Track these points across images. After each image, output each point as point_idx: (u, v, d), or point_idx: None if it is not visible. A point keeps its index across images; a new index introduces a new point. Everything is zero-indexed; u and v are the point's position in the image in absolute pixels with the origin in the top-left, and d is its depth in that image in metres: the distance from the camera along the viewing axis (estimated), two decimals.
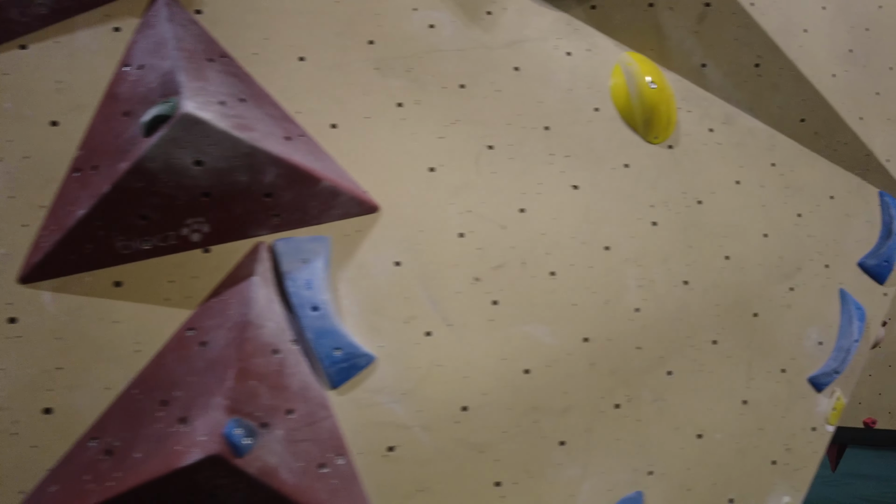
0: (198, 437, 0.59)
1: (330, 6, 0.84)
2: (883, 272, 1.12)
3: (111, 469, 0.59)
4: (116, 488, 0.57)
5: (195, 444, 0.58)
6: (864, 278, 1.12)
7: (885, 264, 1.12)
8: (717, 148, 1.03)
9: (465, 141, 0.86)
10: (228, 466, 0.58)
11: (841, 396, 1.04)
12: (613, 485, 0.82)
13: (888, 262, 1.12)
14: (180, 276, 0.71)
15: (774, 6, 1.07)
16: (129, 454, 0.60)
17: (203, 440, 0.58)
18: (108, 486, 0.58)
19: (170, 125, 0.64)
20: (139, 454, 0.59)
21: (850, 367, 1.05)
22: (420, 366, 0.77)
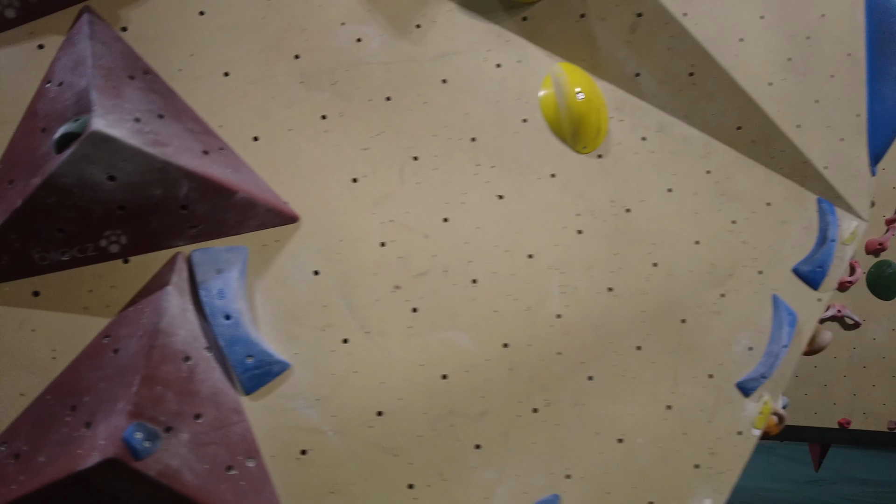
0: (99, 441, 0.62)
1: (257, 22, 0.87)
2: (817, 278, 1.14)
3: (16, 473, 0.62)
4: (17, 491, 0.60)
5: (95, 447, 0.62)
6: (798, 284, 1.14)
7: (818, 270, 1.14)
8: (650, 156, 1.05)
9: (390, 152, 0.89)
10: (127, 469, 0.61)
11: (769, 401, 1.06)
12: (529, 488, 0.85)
13: (822, 268, 1.14)
14: (99, 285, 0.75)
15: (709, 16, 1.09)
16: (35, 458, 0.63)
17: (103, 444, 0.61)
18: (10, 489, 0.61)
19: (79, 143, 0.67)
20: (43, 458, 0.63)
21: (779, 372, 1.07)
22: (336, 372, 0.79)
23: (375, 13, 0.92)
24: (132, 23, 0.82)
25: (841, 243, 1.21)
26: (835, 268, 1.18)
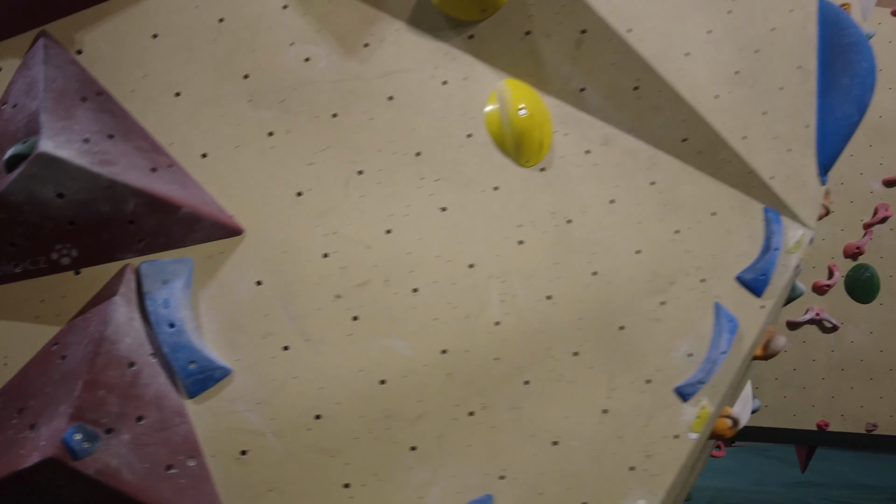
0: (40, 441, 0.67)
1: (207, 44, 0.92)
2: (760, 285, 1.19)
3: None
4: None
5: (36, 448, 0.67)
6: (741, 291, 1.18)
7: (762, 278, 1.18)
8: (593, 169, 1.09)
9: (335, 167, 0.94)
10: (65, 468, 0.67)
11: (707, 405, 1.10)
12: (463, 488, 0.90)
13: (765, 276, 1.19)
14: (51, 296, 0.80)
15: (654, 31, 1.13)
16: None
17: (43, 444, 0.67)
18: None
19: (27, 163, 0.72)
20: None
21: (718, 377, 1.11)
22: (276, 378, 0.84)
23: (324, 33, 0.97)
24: (87, 45, 0.87)
25: (786, 251, 1.25)
26: (778, 275, 1.23)
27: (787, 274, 1.26)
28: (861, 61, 1.40)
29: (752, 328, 1.19)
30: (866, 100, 1.40)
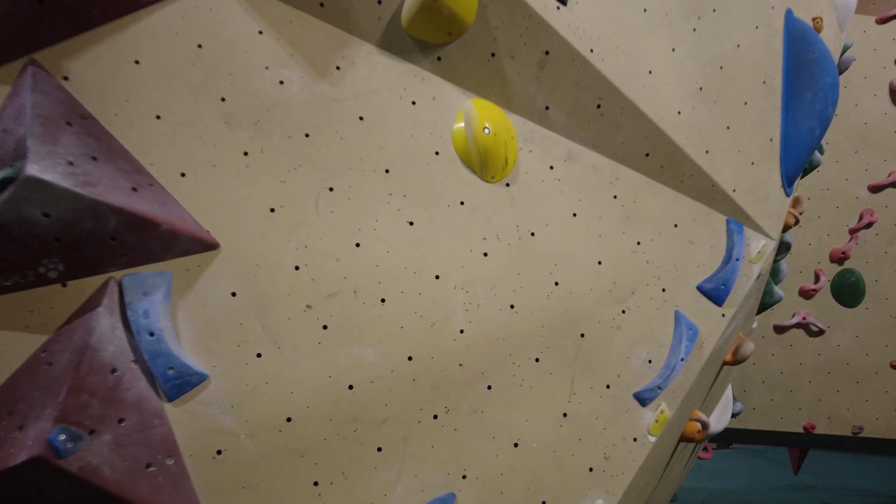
0: (27, 442, 0.74)
1: (186, 69, 0.98)
2: (720, 295, 1.24)
3: None
4: None
5: (24, 448, 0.73)
6: (702, 300, 1.24)
7: (722, 287, 1.24)
8: (556, 184, 1.15)
9: (306, 184, 1.00)
10: (50, 466, 0.73)
11: (665, 409, 1.16)
12: (426, 487, 0.96)
13: (725, 286, 1.24)
14: (39, 307, 0.86)
15: (617, 50, 1.19)
16: None
17: (30, 444, 0.73)
18: None
19: (15, 186, 0.78)
20: None
21: (677, 383, 1.17)
22: (249, 383, 0.91)
23: (297, 57, 1.03)
24: (73, 72, 0.94)
25: (748, 261, 1.31)
26: (740, 285, 1.29)
27: (750, 283, 1.32)
28: (825, 76, 1.45)
29: (713, 336, 1.24)
30: (829, 114, 1.46)
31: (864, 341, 2.82)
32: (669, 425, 1.19)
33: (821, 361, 2.85)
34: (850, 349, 2.84)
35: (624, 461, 1.10)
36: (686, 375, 1.19)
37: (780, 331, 2.88)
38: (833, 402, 2.85)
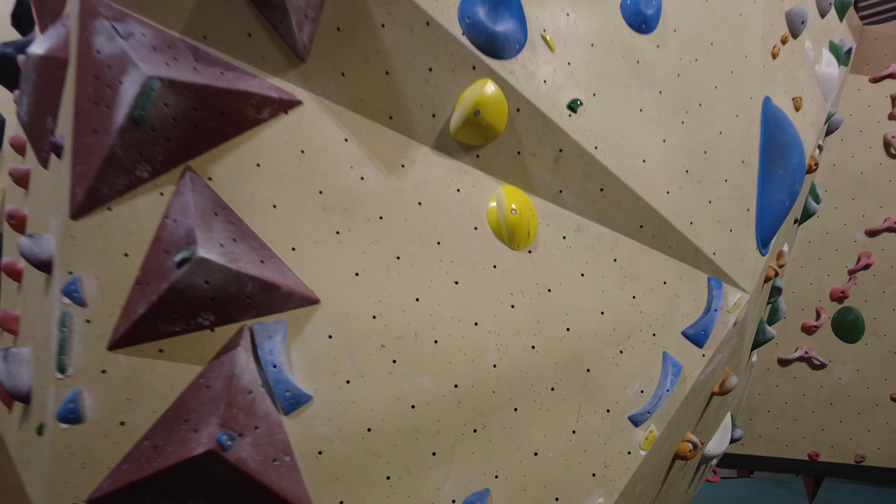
0: (202, 440, 1.11)
1: (293, 169, 1.37)
2: (701, 339, 1.58)
3: (155, 456, 1.12)
4: (157, 467, 1.10)
5: (201, 443, 1.11)
6: (686, 343, 1.58)
7: (702, 332, 1.58)
8: (568, 250, 1.52)
9: (381, 254, 1.38)
10: (218, 457, 1.10)
11: (654, 430, 1.50)
12: (468, 483, 1.31)
13: (705, 331, 1.58)
14: (197, 345, 1.24)
15: (616, 146, 1.56)
16: (166, 448, 1.13)
17: (205, 441, 1.11)
18: (154, 465, 1.10)
19: (190, 264, 1.17)
20: (170, 448, 1.12)
21: (664, 408, 1.51)
22: (341, 402, 1.28)
23: (373, 158, 1.42)
24: (215, 174, 1.33)
25: (725, 311, 1.65)
26: (718, 330, 1.62)
27: (727, 328, 1.65)
28: (793, 157, 1.80)
29: (694, 371, 1.58)
30: (797, 188, 1.80)
31: (864, 375, 3.09)
32: (658, 443, 1.52)
33: (823, 393, 3.13)
34: (851, 382, 3.11)
35: (620, 469, 1.44)
36: (671, 403, 1.52)
37: (784, 364, 3.16)
38: (836, 432, 3.12)
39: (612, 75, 1.57)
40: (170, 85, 1.24)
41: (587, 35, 1.57)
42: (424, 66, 1.41)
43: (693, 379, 1.58)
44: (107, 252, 1.24)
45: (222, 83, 1.30)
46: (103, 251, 1.24)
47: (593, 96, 1.54)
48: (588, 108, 1.52)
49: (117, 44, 1.28)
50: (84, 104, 1.28)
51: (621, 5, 1.64)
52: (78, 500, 1.14)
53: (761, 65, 1.93)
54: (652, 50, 1.67)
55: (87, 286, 1.22)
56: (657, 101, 1.64)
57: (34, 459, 1.31)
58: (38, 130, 1.50)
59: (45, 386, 1.26)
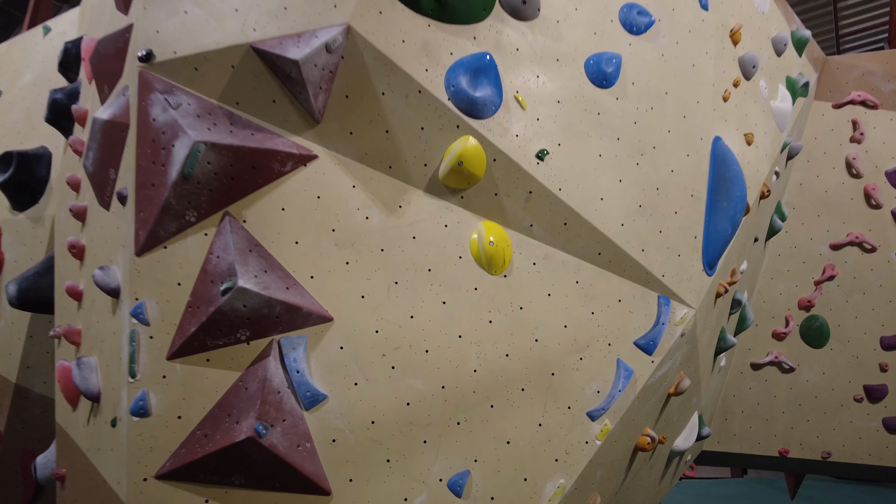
0: (243, 430, 1.46)
1: (311, 211, 1.71)
2: (650, 348, 1.91)
3: (206, 442, 1.47)
4: (209, 450, 1.45)
5: (241, 432, 1.45)
6: (637, 352, 1.91)
7: (651, 343, 1.91)
8: (537, 274, 1.85)
9: (382, 280, 1.72)
10: (256, 443, 1.45)
11: (608, 424, 1.83)
12: (452, 465, 1.65)
13: (654, 342, 1.91)
14: (236, 355, 1.59)
15: (578, 187, 1.90)
16: (214, 437, 1.48)
17: (245, 431, 1.45)
18: (205, 448, 1.45)
19: (232, 292, 1.52)
20: (218, 436, 1.47)
21: (616, 406, 1.84)
22: (350, 400, 1.62)
23: (376, 201, 1.76)
24: (248, 217, 1.68)
25: (672, 325, 1.98)
26: (665, 340, 1.95)
27: (674, 339, 1.98)
28: (736, 191, 2.13)
29: (644, 375, 1.91)
30: (738, 219, 2.13)
31: (829, 378, 3.40)
32: (613, 434, 1.85)
33: (792, 395, 3.44)
34: (817, 384, 3.42)
35: (578, 456, 1.77)
36: (623, 401, 1.86)
37: (756, 368, 3.48)
38: (804, 431, 3.42)
39: (575, 127, 1.91)
40: (211, 147, 1.60)
41: (554, 93, 1.91)
42: (417, 125, 1.76)
43: (643, 382, 1.91)
44: (164, 282, 1.59)
45: (253, 143, 1.65)
46: (161, 281, 1.59)
47: (558, 146, 1.88)
48: (553, 156, 1.86)
49: (169, 113, 1.63)
50: (144, 163, 1.63)
51: (585, 65, 1.98)
52: (148, 475, 1.49)
53: (712, 108, 2.26)
54: (611, 102, 2.01)
55: (149, 309, 1.57)
56: (615, 146, 1.98)
57: (106, 447, 1.66)
58: (101, 179, 1.86)
59: (116, 388, 1.62)
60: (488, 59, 1.81)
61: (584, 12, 2.02)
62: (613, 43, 2.05)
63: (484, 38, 1.83)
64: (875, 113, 3.40)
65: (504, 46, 1.86)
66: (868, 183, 3.39)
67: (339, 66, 1.66)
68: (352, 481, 1.59)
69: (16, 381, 2.85)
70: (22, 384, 2.85)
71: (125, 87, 1.79)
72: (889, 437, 3.32)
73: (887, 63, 3.40)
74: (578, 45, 1.98)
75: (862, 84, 3.42)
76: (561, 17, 1.97)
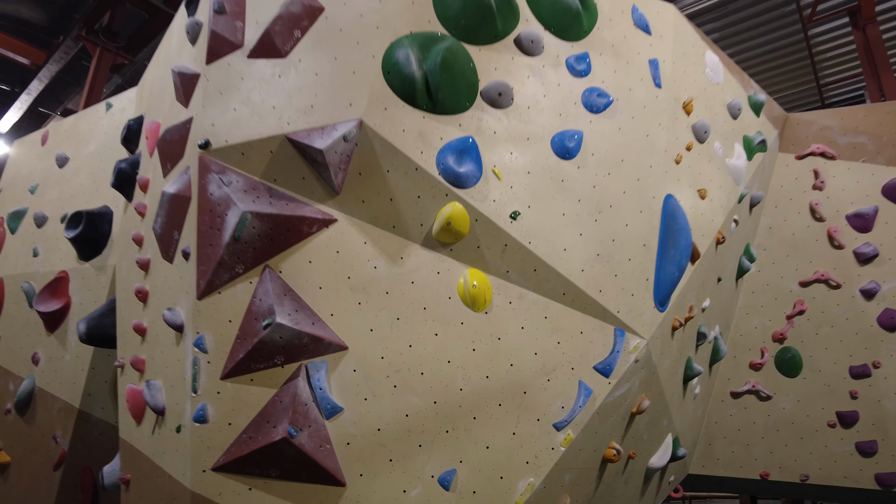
0: (279, 432, 1.96)
1: (331, 264, 2.24)
2: (607, 371, 2.38)
3: (250, 443, 1.97)
4: (252, 448, 1.95)
5: (278, 434, 1.95)
6: (597, 375, 2.38)
7: (608, 367, 2.38)
8: (513, 311, 2.35)
9: (387, 317, 2.23)
10: (288, 442, 1.95)
11: (571, 434, 2.28)
12: (442, 465, 2.12)
13: (610, 366, 2.38)
14: (273, 376, 2.10)
15: (544, 240, 2.40)
16: (257, 438, 1.98)
17: (280, 433, 1.95)
18: (250, 447, 1.95)
19: (271, 327, 2.04)
20: (260, 438, 1.97)
21: (578, 419, 2.30)
22: (361, 412, 2.11)
23: (382, 254, 2.28)
24: (283, 269, 2.21)
25: (627, 352, 2.44)
26: (620, 366, 2.41)
27: (628, 364, 2.45)
28: (682, 241, 2.61)
29: (602, 394, 2.38)
30: (684, 264, 2.61)
31: (804, 405, 3.78)
32: (576, 443, 2.31)
33: (770, 421, 3.81)
34: (793, 411, 3.79)
35: (545, 459, 2.23)
36: (584, 415, 2.32)
37: (736, 396, 3.87)
38: (783, 455, 3.78)
39: (542, 192, 2.43)
40: (256, 215, 2.14)
41: (525, 166, 2.44)
42: (415, 195, 2.29)
43: (601, 399, 2.37)
44: (219, 320, 2.12)
45: (287, 211, 2.20)
46: (217, 319, 2.12)
47: (528, 208, 2.39)
48: (524, 217, 2.37)
49: (223, 189, 2.19)
50: (204, 228, 2.18)
51: (551, 142, 2.51)
52: (206, 468, 2.00)
53: (664, 171, 2.77)
54: (573, 171, 2.53)
55: (208, 341, 2.10)
56: (576, 206, 2.49)
57: (171, 449, 2.17)
58: (167, 239, 2.43)
59: (181, 402, 2.14)
60: (471, 141, 2.36)
61: (551, 98, 2.57)
62: (576, 121, 2.59)
63: (467, 124, 2.38)
64: (834, 163, 3.87)
65: (484, 130, 2.40)
66: (830, 226, 3.83)
67: (353, 151, 2.22)
68: (362, 476, 2.07)
69: (79, 406, 3.39)
70: (84, 409, 3.39)
71: (187, 167, 2.37)
72: (862, 460, 3.67)
73: (842, 119, 3.88)
74: (546, 125, 2.51)
75: (820, 138, 3.90)
76: (531, 103, 2.51)
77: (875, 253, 3.73)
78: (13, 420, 3.64)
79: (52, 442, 3.43)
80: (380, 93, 2.26)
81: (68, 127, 4.15)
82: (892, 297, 3.71)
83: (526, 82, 2.53)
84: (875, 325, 3.71)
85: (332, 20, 2.37)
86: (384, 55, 2.29)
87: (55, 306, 3.52)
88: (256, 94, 2.30)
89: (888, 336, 3.69)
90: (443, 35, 2.40)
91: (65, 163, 4.00)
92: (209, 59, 2.39)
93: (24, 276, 3.79)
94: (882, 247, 3.73)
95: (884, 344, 3.68)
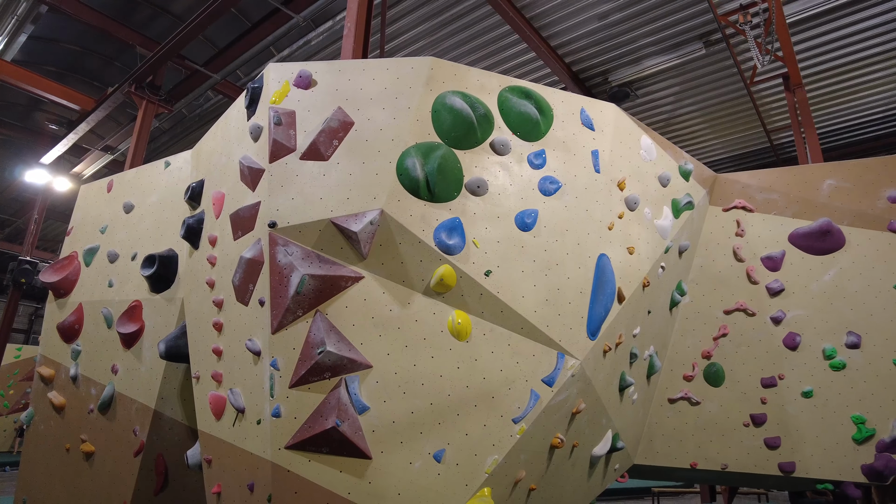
0: (329, 423, 3.20)
1: (361, 308, 3.46)
2: (551, 382, 3.62)
3: (309, 431, 3.20)
4: (311, 433, 3.18)
5: (328, 424, 3.19)
6: (543, 385, 3.62)
7: (552, 379, 3.62)
8: (486, 341, 3.59)
9: (399, 345, 3.46)
10: (336, 430, 3.18)
11: (524, 426, 3.53)
12: (436, 445, 3.35)
13: (553, 379, 3.62)
14: (324, 386, 3.33)
15: (509, 291, 3.64)
16: (314, 426, 3.21)
17: (330, 423, 3.19)
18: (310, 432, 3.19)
19: (322, 353, 3.27)
20: (316, 426, 3.21)
21: (529, 417, 3.54)
22: (381, 411, 3.33)
23: (395, 301, 3.52)
24: (329, 312, 3.44)
25: (565, 369, 3.69)
26: (560, 378, 3.66)
27: (566, 378, 3.70)
28: (607, 289, 3.86)
29: (546, 399, 3.62)
30: (610, 305, 3.85)
31: (725, 409, 5.03)
32: (528, 432, 3.55)
33: (699, 422, 5.06)
34: (717, 414, 5.04)
35: (506, 442, 3.47)
36: (534, 413, 3.56)
37: (672, 402, 5.12)
38: (708, 449, 5.03)
39: (507, 255, 3.67)
40: (310, 276, 3.40)
41: (495, 237, 3.68)
42: (418, 259, 3.53)
43: (546, 402, 3.60)
44: (287, 348, 3.36)
45: (331, 272, 3.45)
46: (285, 347, 3.36)
47: (497, 267, 3.63)
48: (495, 273, 3.61)
49: (287, 257, 3.45)
50: (274, 285, 3.44)
51: (515, 219, 3.75)
52: (281, 447, 3.24)
53: (598, 236, 4.01)
54: (531, 239, 3.77)
55: (279, 362, 3.35)
56: (532, 265, 3.73)
57: (252, 435, 3.41)
58: (243, 289, 3.67)
59: (259, 403, 3.38)
60: (458, 221, 3.60)
61: (516, 186, 3.81)
62: (533, 203, 3.83)
63: (455, 209, 3.62)
64: (752, 215, 5.11)
65: (467, 212, 3.64)
66: (749, 265, 5.08)
67: (377, 230, 3.46)
68: (382, 452, 3.31)
69: (154, 407, 4.63)
70: (158, 409, 4.62)
71: (258, 238, 3.62)
72: (769, 452, 4.92)
73: (759, 180, 5.13)
74: (511, 207, 3.76)
75: (742, 194, 5.15)
76: (501, 191, 3.76)
77: (782, 288, 4.98)
78: (96, 418, 4.86)
79: (132, 435, 4.65)
80: (394, 189, 3.50)
81: (131, 178, 5.36)
82: (794, 323, 4.96)
83: (498, 175, 3.78)
84: (781, 345, 4.96)
85: (361, 132, 3.62)
86: (398, 162, 3.54)
87: (132, 328, 4.74)
88: (308, 187, 3.54)
89: (791, 354, 4.94)
90: (438, 144, 3.65)
91: (131, 209, 5.23)
92: (272, 159, 3.65)
93: (102, 302, 5.02)
94: (787, 283, 4.99)
95: (787, 360, 4.94)
